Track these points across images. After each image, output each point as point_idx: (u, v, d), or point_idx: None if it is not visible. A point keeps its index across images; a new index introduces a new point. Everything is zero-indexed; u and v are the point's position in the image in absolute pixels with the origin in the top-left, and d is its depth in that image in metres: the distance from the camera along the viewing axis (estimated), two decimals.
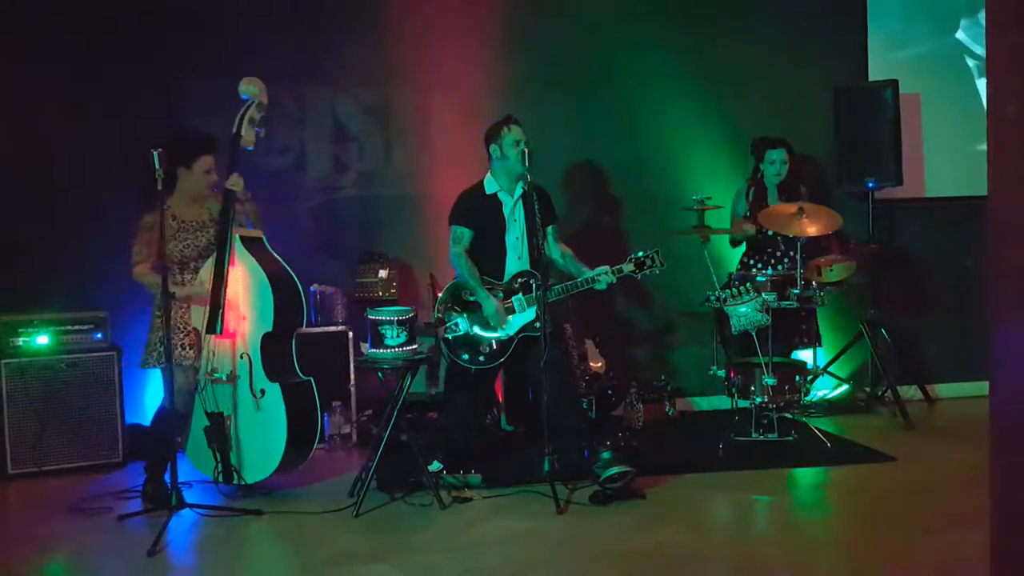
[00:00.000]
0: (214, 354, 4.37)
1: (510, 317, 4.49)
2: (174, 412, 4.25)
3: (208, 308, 4.31)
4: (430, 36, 5.87)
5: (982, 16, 6.21)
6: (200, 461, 4.45)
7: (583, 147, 6.06)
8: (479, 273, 4.52)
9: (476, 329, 4.51)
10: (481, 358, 4.51)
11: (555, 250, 4.66)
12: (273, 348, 4.40)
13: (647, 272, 4.49)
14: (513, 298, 4.51)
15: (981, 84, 6.28)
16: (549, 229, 4.65)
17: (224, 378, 4.33)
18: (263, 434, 4.33)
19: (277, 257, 4.48)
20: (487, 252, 4.58)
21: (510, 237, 4.59)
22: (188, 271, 4.46)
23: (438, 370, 5.53)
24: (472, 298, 4.52)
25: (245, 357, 4.35)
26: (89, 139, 5.34)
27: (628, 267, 4.47)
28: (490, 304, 4.47)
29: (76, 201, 5.31)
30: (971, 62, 6.31)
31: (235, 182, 4.36)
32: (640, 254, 4.48)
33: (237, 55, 5.45)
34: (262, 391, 4.32)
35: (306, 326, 4.66)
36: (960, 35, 6.30)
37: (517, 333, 4.50)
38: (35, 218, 5.33)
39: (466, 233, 4.58)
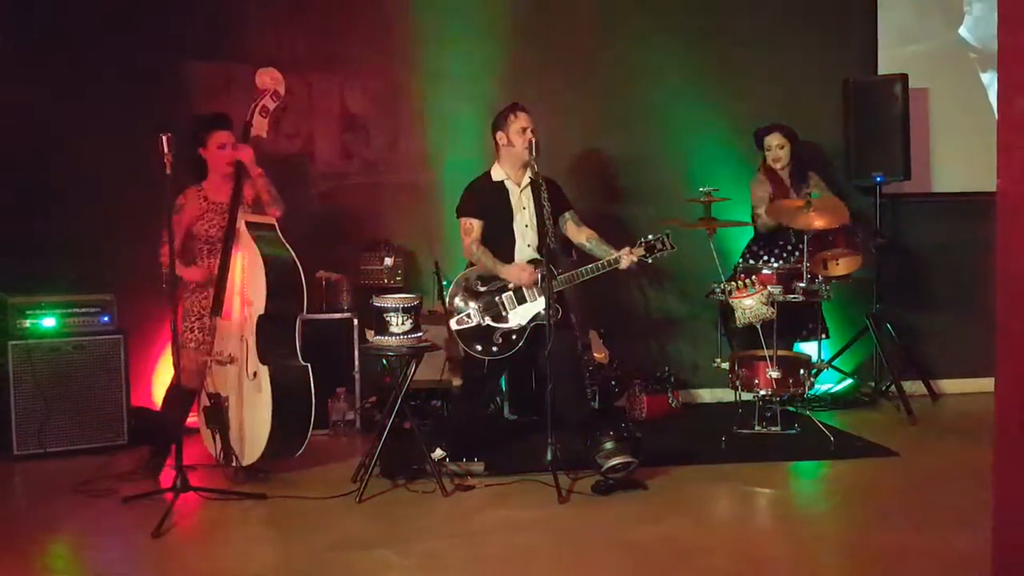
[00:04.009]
0: (222, 337, 4.41)
1: (523, 306, 4.50)
2: (180, 393, 4.27)
3: (213, 290, 4.35)
4: (438, 24, 5.86)
5: (977, 9, 6.20)
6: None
7: (590, 137, 6.04)
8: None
9: (487, 320, 4.51)
10: (494, 348, 4.50)
11: (580, 235, 4.66)
12: (268, 331, 4.36)
13: (657, 255, 4.49)
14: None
15: (985, 79, 6.25)
16: (567, 215, 4.66)
17: (225, 360, 4.35)
18: (255, 416, 4.34)
19: (283, 240, 4.44)
20: (496, 240, 4.58)
21: (518, 225, 4.59)
22: (216, 253, 4.44)
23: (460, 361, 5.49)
24: (483, 288, 4.52)
25: (245, 340, 4.37)
26: (95, 124, 5.33)
27: (639, 251, 4.48)
28: (510, 271, 4.48)
29: (84, 185, 5.31)
30: (973, 56, 6.27)
31: (244, 152, 4.38)
32: (650, 237, 4.49)
33: (246, 42, 5.43)
34: (254, 373, 4.33)
35: (311, 313, 4.62)
36: (962, 31, 6.27)
37: (530, 322, 4.50)
38: (43, 201, 5.33)
39: (476, 224, 4.58)
